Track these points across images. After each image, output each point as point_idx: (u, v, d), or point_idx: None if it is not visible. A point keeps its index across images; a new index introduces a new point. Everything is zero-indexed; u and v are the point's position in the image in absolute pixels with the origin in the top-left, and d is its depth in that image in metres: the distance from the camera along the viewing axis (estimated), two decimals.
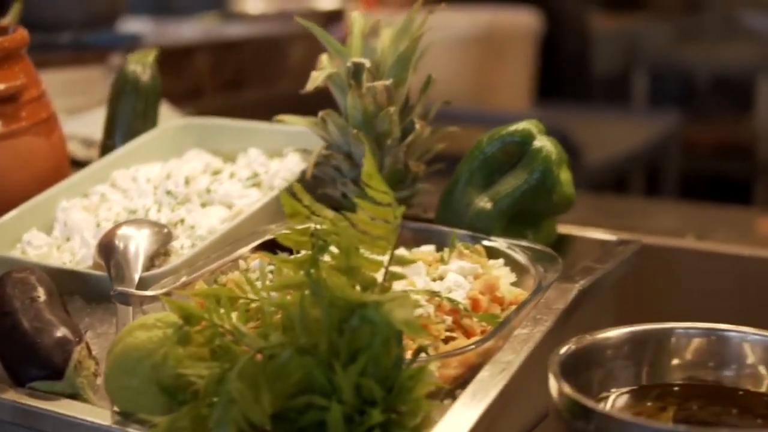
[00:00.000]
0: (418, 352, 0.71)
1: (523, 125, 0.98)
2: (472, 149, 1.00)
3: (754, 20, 4.93)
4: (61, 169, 1.15)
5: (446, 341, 0.81)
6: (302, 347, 0.70)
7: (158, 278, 0.90)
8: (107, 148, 1.20)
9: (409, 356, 0.71)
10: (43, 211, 1.07)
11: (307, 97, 1.03)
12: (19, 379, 0.81)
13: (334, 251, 0.73)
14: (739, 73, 4.26)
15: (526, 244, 0.92)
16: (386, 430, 0.69)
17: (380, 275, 0.74)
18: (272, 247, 0.88)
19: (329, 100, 1.04)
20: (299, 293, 0.72)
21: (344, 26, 3.04)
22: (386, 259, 0.74)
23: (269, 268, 0.85)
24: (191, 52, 1.99)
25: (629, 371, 0.74)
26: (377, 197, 0.73)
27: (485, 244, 0.94)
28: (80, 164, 1.25)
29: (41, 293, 0.86)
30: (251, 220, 0.98)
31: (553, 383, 0.68)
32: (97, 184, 1.12)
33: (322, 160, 1.02)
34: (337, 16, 2.97)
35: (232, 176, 1.09)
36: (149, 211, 1.04)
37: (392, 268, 0.74)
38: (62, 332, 0.82)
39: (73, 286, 0.94)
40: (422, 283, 0.85)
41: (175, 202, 1.06)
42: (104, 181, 1.13)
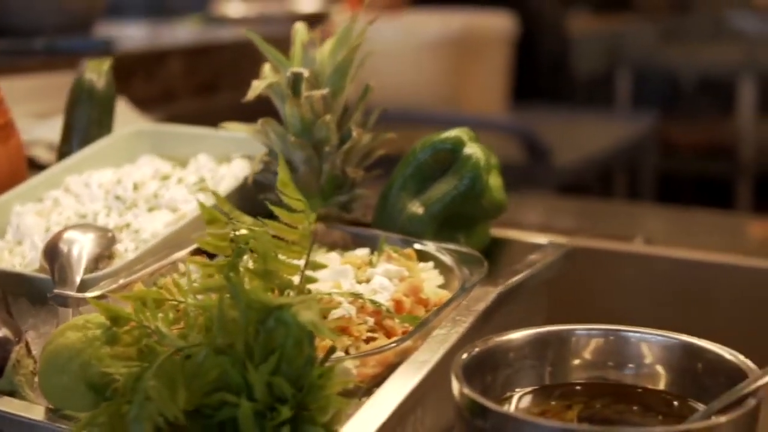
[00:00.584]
0: (329, 352, 0.75)
1: (454, 133, 1.02)
2: (406, 156, 1.03)
3: (741, 21, 4.95)
4: (17, 174, 1.18)
5: (368, 341, 0.85)
6: (219, 347, 0.74)
7: (98, 281, 0.93)
8: (63, 154, 1.23)
9: (321, 356, 0.74)
10: None
11: None
12: None
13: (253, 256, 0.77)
14: (723, 74, 4.29)
15: (454, 247, 0.96)
16: (297, 426, 0.72)
17: (297, 279, 0.77)
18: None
19: None
20: (220, 296, 0.75)
21: (326, 29, 3.07)
22: (302, 263, 0.77)
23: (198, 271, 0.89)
24: (165, 56, 2.03)
25: (533, 372, 0.77)
26: (292, 204, 0.77)
27: (416, 247, 0.98)
28: (44, 168, 1.29)
29: None
30: (193, 224, 1.01)
31: (454, 383, 0.71)
32: (51, 189, 1.16)
33: (263, 166, 1.06)
34: (318, 18, 3.00)
35: (180, 181, 1.12)
36: (98, 215, 1.08)
37: (307, 272, 0.77)
38: (2, 332, 0.86)
39: (20, 288, 0.98)
40: (348, 285, 0.89)
41: (123, 206, 1.09)
42: (58, 186, 1.16)
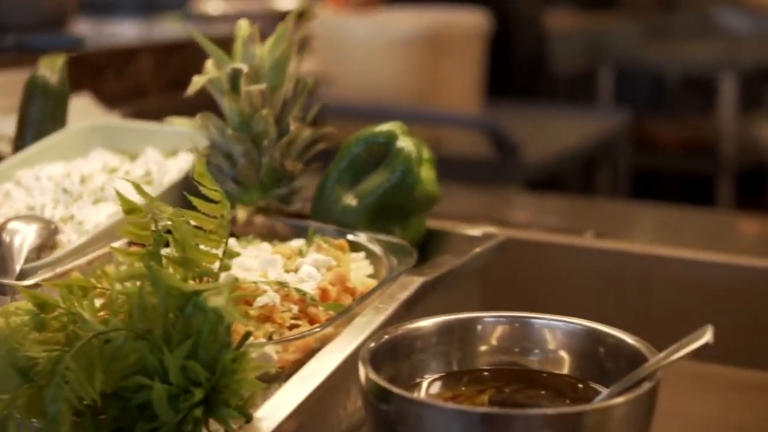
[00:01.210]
0: (245, 337, 0.77)
1: (387, 127, 1.05)
2: (341, 150, 1.06)
3: (728, 18, 4.98)
4: None
5: (291, 329, 0.87)
6: (138, 332, 0.77)
7: (37, 270, 0.96)
8: (18, 148, 1.26)
9: (236, 341, 0.77)
10: None
11: None
12: None
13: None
14: (705, 71, 4.32)
15: (385, 238, 0.99)
16: (210, 408, 0.75)
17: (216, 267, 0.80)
18: None
19: None
20: (140, 283, 0.78)
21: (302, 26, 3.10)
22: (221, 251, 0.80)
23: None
24: (135, 53, 2.06)
25: (441, 358, 0.80)
26: (209, 194, 0.79)
27: (349, 238, 1.00)
28: None
29: None
30: None
31: (360, 369, 0.73)
32: (3, 182, 1.18)
33: (205, 159, 1.08)
34: (298, 16, 3.03)
35: (126, 175, 1.15)
36: (45, 207, 1.11)
37: (226, 260, 0.80)
38: None
39: None
40: (276, 274, 0.92)
41: (70, 199, 1.12)
42: (10, 179, 1.19)
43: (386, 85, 2.77)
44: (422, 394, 0.78)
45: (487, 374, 0.80)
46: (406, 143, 1.03)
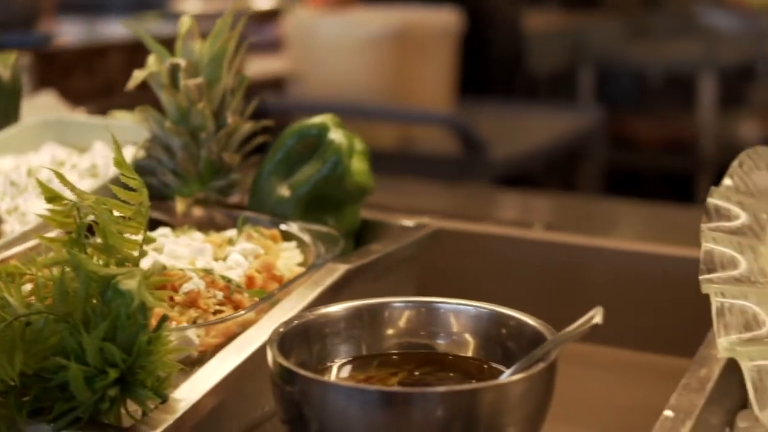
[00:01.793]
0: (162, 320, 0.80)
1: (319, 119, 1.08)
2: (276, 142, 1.09)
3: (711, 17, 5.01)
4: None
5: (216, 314, 0.90)
6: (59, 316, 0.79)
7: None
8: None
9: (153, 324, 0.80)
10: None
11: None
12: None
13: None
14: (686, 69, 4.35)
15: (315, 227, 1.02)
16: (126, 388, 0.78)
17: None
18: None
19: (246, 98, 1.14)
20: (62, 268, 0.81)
21: (279, 25, 3.17)
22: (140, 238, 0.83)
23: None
24: (105, 51, 2.09)
25: (351, 343, 0.82)
26: (129, 183, 0.82)
27: (281, 228, 1.03)
28: None
29: None
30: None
31: (268, 353, 0.76)
32: None
33: (146, 152, 1.11)
34: (274, 15, 3.08)
35: (73, 167, 1.18)
36: None
37: (145, 246, 0.83)
38: None
39: None
40: (204, 262, 0.94)
41: (16, 191, 1.15)
42: None
43: (358, 83, 2.80)
44: (332, 377, 0.81)
45: (395, 358, 0.82)
46: (337, 135, 1.06)
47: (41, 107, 1.63)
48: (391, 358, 0.83)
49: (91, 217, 0.82)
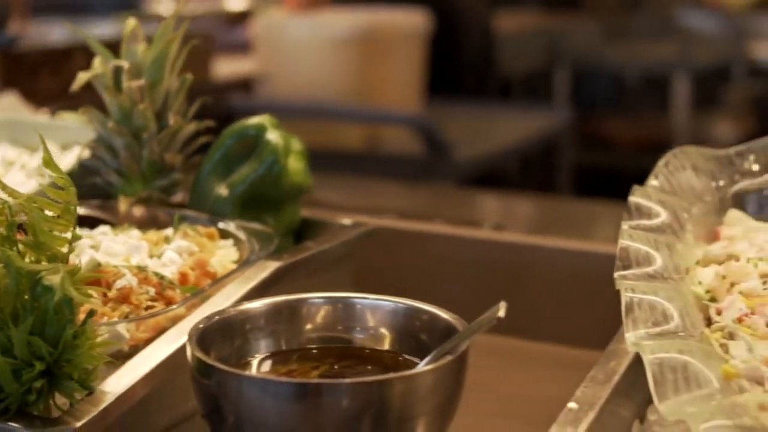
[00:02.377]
0: (89, 314, 0.83)
1: (257, 120, 1.10)
2: (216, 142, 1.12)
3: (690, 19, 5.05)
4: None
5: (148, 310, 0.92)
6: None
7: None
8: None
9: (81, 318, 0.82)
10: None
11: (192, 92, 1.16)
12: None
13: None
14: (662, 70, 4.38)
15: (251, 225, 1.04)
16: (53, 380, 0.80)
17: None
18: None
19: (214, 99, 1.17)
20: None
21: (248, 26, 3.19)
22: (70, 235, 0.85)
23: None
24: (71, 52, 2.11)
25: (271, 338, 0.84)
26: (57, 182, 0.85)
27: (219, 226, 1.06)
28: None
29: None
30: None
31: (187, 347, 0.79)
32: None
33: (91, 152, 1.14)
34: (245, 16, 3.11)
35: (22, 167, 1.20)
36: None
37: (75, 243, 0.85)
38: None
39: None
40: (138, 259, 0.97)
41: None
42: None
43: (325, 84, 2.83)
44: (253, 371, 0.83)
45: (315, 352, 0.85)
46: (274, 136, 1.09)
47: (3, 108, 1.65)
48: (310, 352, 0.85)
49: (22, 215, 0.85)
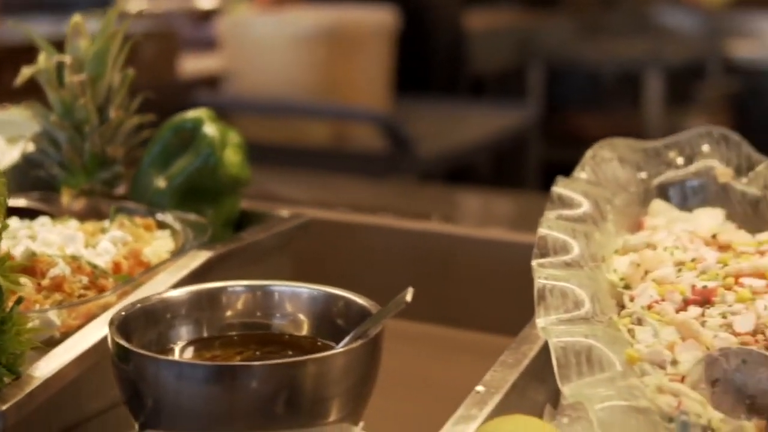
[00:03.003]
0: (17, 301, 0.85)
1: (195, 113, 1.13)
2: (155, 135, 1.14)
3: (667, 16, 5.08)
4: None
5: (81, 298, 0.95)
6: None
7: None
8: None
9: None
10: None
11: (157, 89, 1.18)
12: None
13: None
14: (636, 67, 4.41)
15: (187, 216, 1.07)
16: None
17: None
18: None
19: (180, 95, 1.19)
20: None
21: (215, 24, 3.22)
22: None
23: None
24: (34, 49, 2.11)
25: (192, 325, 0.87)
26: None
27: (157, 217, 1.08)
28: None
29: None
30: None
31: (108, 335, 0.81)
32: None
33: (35, 145, 1.16)
34: (213, 14, 3.14)
35: None
36: None
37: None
38: None
39: None
40: (73, 249, 0.99)
41: None
42: None
43: (291, 81, 2.85)
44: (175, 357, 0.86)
45: (235, 339, 0.87)
46: (211, 129, 1.11)
47: None
48: (232, 339, 0.87)
49: None
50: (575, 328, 0.82)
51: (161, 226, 1.08)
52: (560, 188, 1.01)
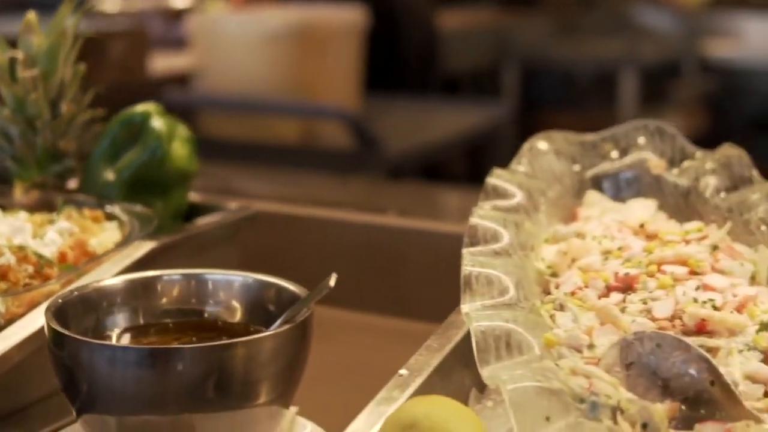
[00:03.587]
0: None
1: (143, 107, 1.16)
2: (105, 129, 1.17)
3: (645, 16, 5.11)
4: None
5: (26, 287, 0.97)
6: None
7: None
8: None
9: None
10: None
11: (128, 87, 1.20)
12: None
13: None
14: (611, 67, 4.45)
15: (134, 208, 1.10)
16: None
17: None
18: None
19: (150, 93, 1.22)
20: None
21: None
22: None
23: None
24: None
25: (128, 313, 0.89)
26: None
27: (106, 209, 1.11)
28: None
29: None
30: None
31: (45, 322, 0.82)
32: None
33: None
34: (185, 12, 3.18)
35: None
36: None
37: None
38: None
39: None
40: (21, 239, 1.02)
41: None
42: None
43: (260, 79, 2.88)
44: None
45: (171, 326, 0.90)
46: (158, 122, 1.14)
47: None
48: (167, 326, 0.90)
49: None
50: (495, 313, 0.84)
51: (109, 217, 1.10)
52: (494, 180, 1.04)
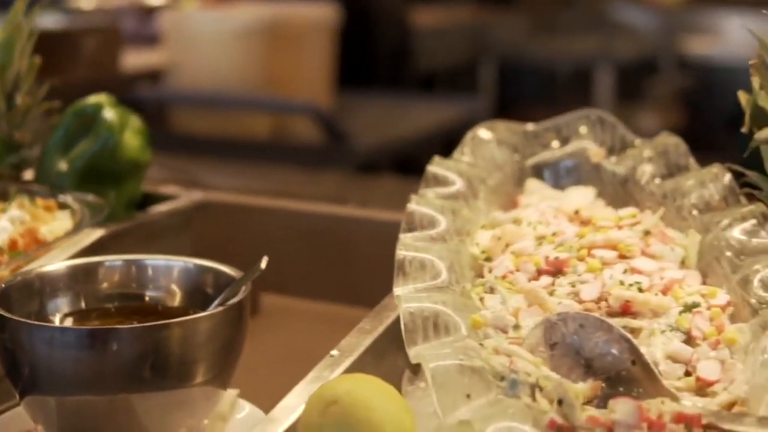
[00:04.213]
0: None
1: (95, 99, 1.18)
2: (59, 121, 1.19)
3: (624, 14, 5.14)
4: None
5: None
6: None
7: None
8: None
9: None
10: None
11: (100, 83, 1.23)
12: None
13: None
14: (587, 64, 4.48)
15: (87, 197, 1.12)
16: None
17: None
18: None
19: (122, 89, 1.24)
20: None
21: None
22: None
23: None
24: None
25: (71, 298, 0.91)
26: None
27: (59, 198, 1.13)
28: None
29: None
30: None
31: None
32: None
33: None
34: (158, 9, 3.21)
35: None
36: None
37: None
38: None
39: None
40: None
41: None
42: None
43: (231, 75, 2.91)
44: None
45: (112, 310, 0.92)
46: (110, 113, 1.17)
47: None
48: (109, 310, 0.92)
49: None
50: (425, 295, 0.87)
51: (62, 206, 1.13)
52: (435, 168, 1.06)
